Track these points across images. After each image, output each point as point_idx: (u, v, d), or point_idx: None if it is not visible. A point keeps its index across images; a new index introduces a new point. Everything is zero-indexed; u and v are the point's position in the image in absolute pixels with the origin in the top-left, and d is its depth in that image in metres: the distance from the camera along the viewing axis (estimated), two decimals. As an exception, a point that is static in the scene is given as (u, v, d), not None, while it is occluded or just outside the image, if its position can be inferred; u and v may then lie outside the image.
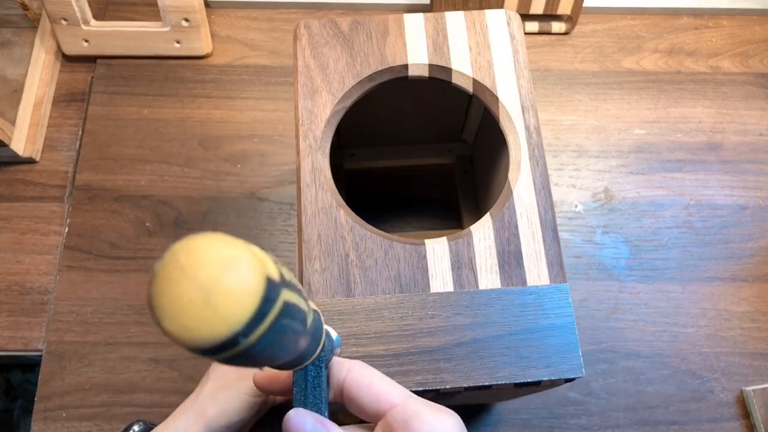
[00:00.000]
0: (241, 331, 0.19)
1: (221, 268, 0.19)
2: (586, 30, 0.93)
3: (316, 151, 0.50)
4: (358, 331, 0.44)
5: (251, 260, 0.20)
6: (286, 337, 0.22)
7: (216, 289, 0.18)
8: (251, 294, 0.19)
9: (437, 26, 0.54)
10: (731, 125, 0.88)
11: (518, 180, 0.49)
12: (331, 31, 0.54)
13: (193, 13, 0.84)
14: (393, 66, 0.53)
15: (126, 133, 0.85)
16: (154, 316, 0.19)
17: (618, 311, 0.77)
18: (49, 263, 0.78)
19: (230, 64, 0.90)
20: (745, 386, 0.74)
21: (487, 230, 0.47)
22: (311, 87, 0.52)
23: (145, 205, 0.81)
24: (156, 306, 0.19)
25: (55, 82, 0.88)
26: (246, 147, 0.84)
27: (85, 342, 0.74)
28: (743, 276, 0.79)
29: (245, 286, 0.19)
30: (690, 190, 0.84)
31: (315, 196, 0.48)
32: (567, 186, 0.84)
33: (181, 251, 0.19)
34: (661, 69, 0.91)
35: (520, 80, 0.53)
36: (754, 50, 0.92)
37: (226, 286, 0.18)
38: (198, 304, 0.18)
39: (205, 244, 0.19)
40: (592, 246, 0.80)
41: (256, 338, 0.20)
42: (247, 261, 0.19)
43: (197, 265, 0.19)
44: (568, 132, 0.87)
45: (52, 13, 0.83)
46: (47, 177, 0.83)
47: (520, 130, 0.51)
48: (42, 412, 0.71)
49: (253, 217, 0.81)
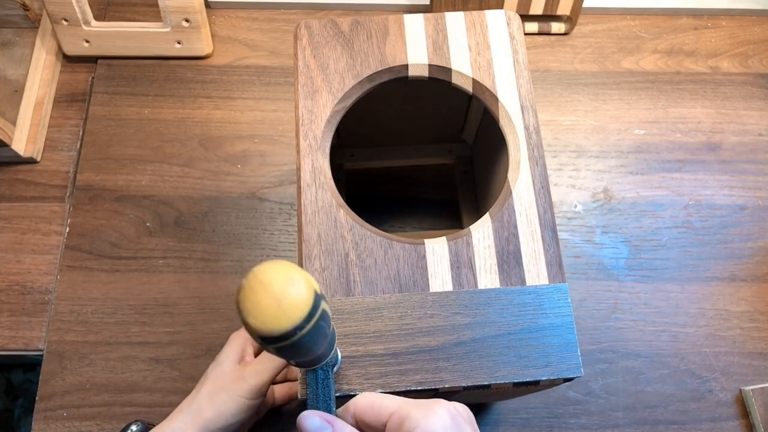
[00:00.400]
0: (298, 326, 0.28)
1: (287, 283, 0.28)
2: (585, 30, 0.94)
3: (316, 151, 0.50)
4: (357, 330, 0.44)
5: (306, 279, 0.28)
6: (321, 335, 0.31)
7: (284, 297, 0.27)
8: (306, 302, 0.28)
9: (437, 26, 0.55)
10: (730, 125, 0.88)
11: (518, 180, 0.49)
12: (331, 32, 0.54)
13: (193, 13, 0.84)
14: (393, 66, 0.53)
15: (127, 133, 0.85)
16: (241, 316, 0.27)
17: (617, 311, 0.77)
18: (49, 263, 0.79)
19: (230, 64, 0.90)
20: (744, 386, 0.74)
21: (487, 230, 0.47)
22: (311, 87, 0.52)
23: (145, 205, 0.81)
24: (243, 309, 0.27)
25: (55, 83, 0.88)
26: (246, 147, 0.85)
27: (86, 342, 0.75)
28: (742, 276, 0.79)
29: (302, 296, 0.28)
30: (689, 190, 0.84)
31: (315, 195, 0.48)
32: (566, 186, 0.84)
33: (261, 272, 0.28)
34: (661, 69, 0.91)
35: (519, 80, 0.53)
36: (753, 50, 0.93)
37: (290, 296, 0.27)
38: (272, 308, 0.27)
39: (276, 267, 0.28)
40: (591, 246, 0.80)
41: (305, 332, 0.28)
42: (303, 279, 0.28)
43: (271, 282, 0.27)
44: (568, 132, 0.87)
45: (52, 14, 0.83)
46: (48, 177, 0.83)
47: (519, 130, 0.51)
48: (43, 412, 0.72)
49: (253, 217, 0.81)
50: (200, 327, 0.75)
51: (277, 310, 0.27)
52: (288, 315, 0.27)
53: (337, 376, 0.43)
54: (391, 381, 0.43)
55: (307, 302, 0.28)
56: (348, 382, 0.43)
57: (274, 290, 0.27)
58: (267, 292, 0.27)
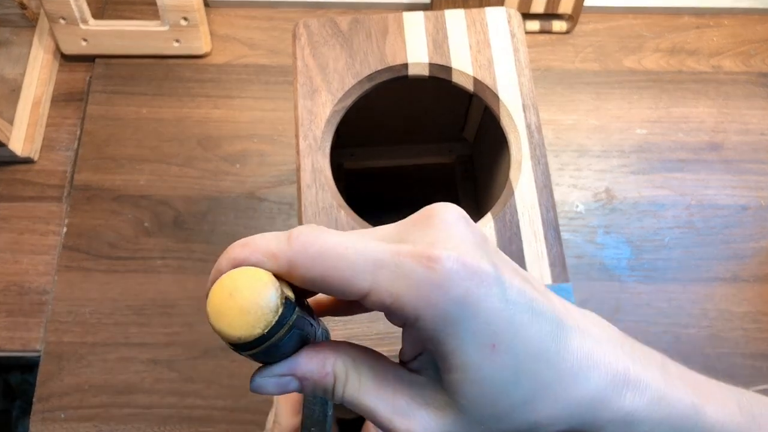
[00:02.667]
0: (269, 332, 0.26)
1: (252, 288, 0.26)
2: (587, 29, 0.93)
3: (317, 152, 0.49)
4: (359, 332, 0.44)
5: (273, 283, 0.26)
6: (299, 341, 0.29)
7: (250, 302, 0.26)
8: (273, 306, 0.26)
9: (437, 24, 0.54)
10: (733, 125, 0.87)
11: (520, 179, 0.49)
12: (330, 31, 0.54)
13: (192, 12, 0.83)
14: (393, 65, 0.53)
15: (125, 132, 0.85)
16: (210, 323, 0.26)
17: (619, 312, 0.76)
18: (47, 263, 0.78)
19: (229, 63, 0.89)
20: (747, 387, 0.73)
21: (489, 230, 0.47)
22: (311, 87, 0.52)
23: (143, 205, 0.81)
24: (210, 315, 0.26)
25: (53, 82, 0.88)
26: (245, 147, 0.84)
27: (84, 342, 0.74)
28: (745, 276, 0.79)
29: (269, 301, 0.26)
30: (691, 190, 0.83)
31: (315, 196, 0.48)
32: (568, 186, 0.83)
33: (227, 278, 0.26)
34: (663, 68, 0.91)
35: (521, 78, 0.52)
36: (755, 49, 0.92)
37: (256, 300, 0.26)
38: (238, 313, 0.26)
39: (241, 272, 0.27)
40: (593, 246, 0.80)
41: (279, 338, 0.27)
42: (271, 284, 0.26)
43: (236, 287, 0.26)
44: (569, 132, 0.86)
45: (50, 13, 0.83)
46: (45, 177, 0.83)
47: (521, 129, 0.51)
48: (40, 413, 0.71)
49: (252, 217, 0.80)
50: (198, 328, 0.75)
51: (242, 315, 0.26)
52: (255, 319, 0.26)
53: None
54: (393, 384, 0.42)
55: (273, 307, 0.26)
56: None
57: (239, 295, 0.26)
58: (232, 297, 0.26)
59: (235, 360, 0.73)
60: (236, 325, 0.26)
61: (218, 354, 0.74)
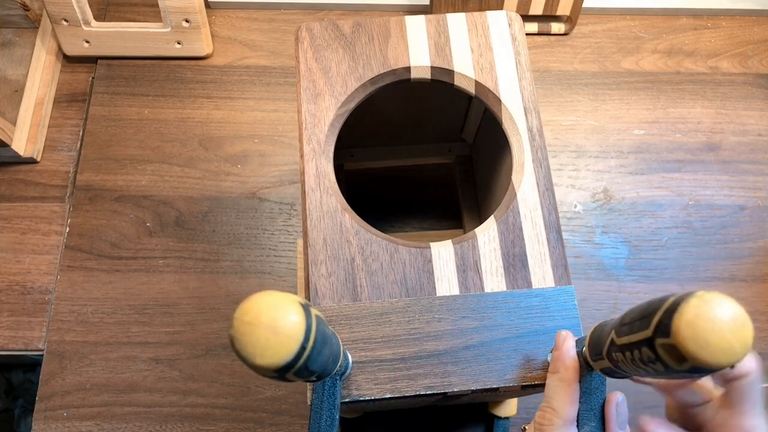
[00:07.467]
0: (302, 344, 0.28)
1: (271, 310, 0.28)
2: (585, 30, 0.94)
3: (320, 155, 0.50)
4: (365, 335, 0.44)
5: (288, 299, 0.28)
6: (324, 353, 0.31)
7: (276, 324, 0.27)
8: (299, 321, 0.28)
9: (439, 28, 0.55)
10: (730, 125, 0.88)
11: (522, 182, 0.49)
12: (332, 34, 0.54)
13: (193, 13, 0.84)
14: (395, 68, 0.53)
15: (127, 133, 0.85)
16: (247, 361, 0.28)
17: (617, 311, 0.77)
18: (49, 263, 0.78)
19: (230, 64, 0.90)
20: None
21: (492, 233, 0.48)
22: (314, 90, 0.52)
23: (145, 205, 0.81)
24: (246, 353, 0.27)
25: (55, 83, 0.88)
26: (246, 147, 0.84)
27: (86, 342, 0.74)
28: (742, 276, 0.80)
29: (292, 317, 0.28)
30: (689, 190, 0.84)
31: (320, 200, 0.48)
32: (566, 186, 0.84)
33: (244, 312, 0.28)
34: (660, 69, 0.91)
35: (522, 82, 0.53)
36: (752, 51, 0.93)
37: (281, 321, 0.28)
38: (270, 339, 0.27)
39: (255, 301, 0.28)
40: (591, 246, 0.81)
41: (310, 347, 0.29)
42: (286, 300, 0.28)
43: (257, 316, 0.27)
44: (568, 132, 0.87)
45: (52, 14, 0.83)
46: (48, 177, 0.83)
47: (523, 132, 0.51)
48: (43, 412, 0.72)
49: (253, 217, 0.81)
50: (200, 327, 0.75)
51: (275, 338, 0.27)
52: (289, 338, 0.27)
53: (346, 381, 0.43)
54: (400, 386, 0.43)
55: (300, 321, 0.28)
56: (357, 387, 0.43)
57: (263, 323, 0.27)
58: (259, 327, 0.27)
59: (236, 359, 0.73)
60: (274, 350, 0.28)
61: (220, 353, 0.74)
